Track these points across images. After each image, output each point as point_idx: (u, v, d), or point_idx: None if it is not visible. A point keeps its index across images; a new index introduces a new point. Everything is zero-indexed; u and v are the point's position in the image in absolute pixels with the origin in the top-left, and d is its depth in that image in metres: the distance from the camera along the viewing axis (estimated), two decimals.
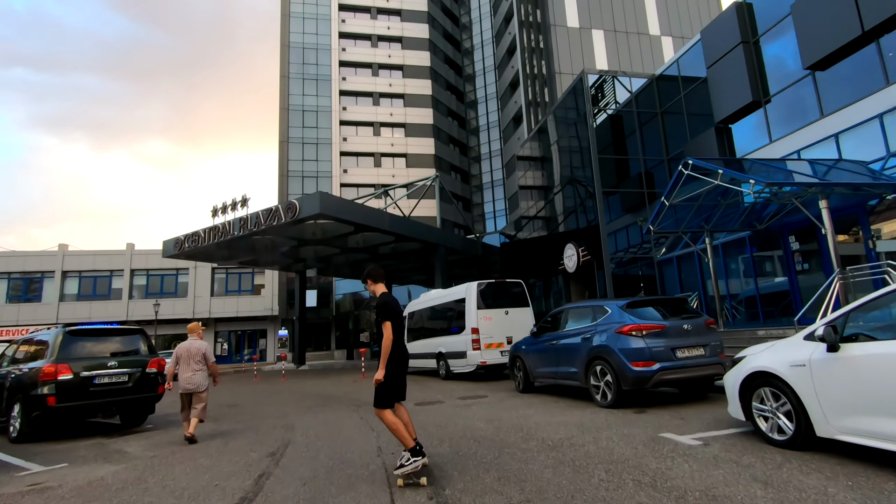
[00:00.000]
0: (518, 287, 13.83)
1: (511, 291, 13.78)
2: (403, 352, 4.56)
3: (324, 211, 18.23)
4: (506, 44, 38.20)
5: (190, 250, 23.11)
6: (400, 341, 4.47)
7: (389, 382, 4.36)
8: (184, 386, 7.39)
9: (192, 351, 7.74)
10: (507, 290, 13.77)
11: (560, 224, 22.22)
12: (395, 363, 4.42)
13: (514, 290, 13.80)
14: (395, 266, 30.00)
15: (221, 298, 36.84)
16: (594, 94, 18.72)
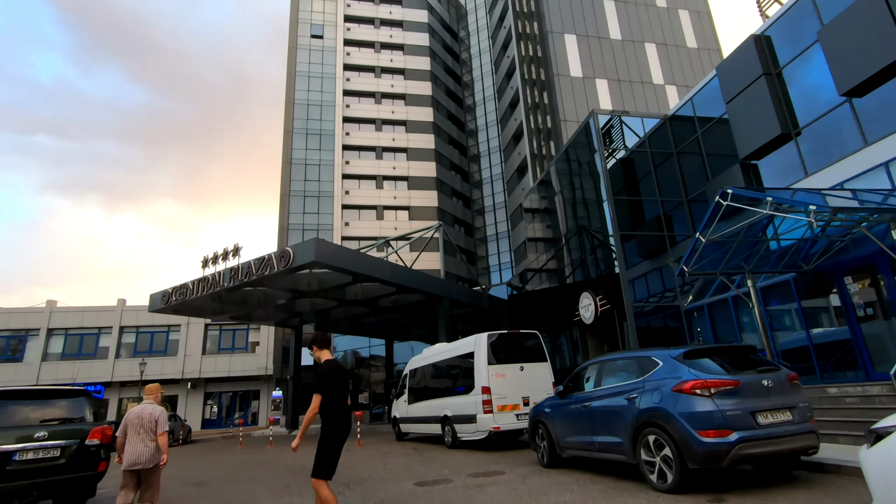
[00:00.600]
0: (534, 339, 12.20)
1: (526, 344, 12.13)
2: (345, 422, 4.40)
3: (319, 259, 16.93)
4: (508, 97, 38.50)
5: (178, 304, 21.62)
6: (341, 411, 4.36)
7: (331, 451, 4.24)
8: (130, 461, 5.77)
9: (145, 418, 6.17)
10: (522, 342, 12.14)
11: (570, 274, 20.81)
12: (335, 433, 4.29)
13: (530, 342, 12.17)
14: (397, 320, 28.33)
15: (213, 357, 34.88)
16: (604, 137, 17.91)
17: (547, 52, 27.50)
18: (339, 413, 4.37)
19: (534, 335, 12.25)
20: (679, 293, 15.85)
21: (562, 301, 20.35)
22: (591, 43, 28.04)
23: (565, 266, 21.41)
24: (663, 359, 6.02)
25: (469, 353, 11.98)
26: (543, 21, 28.25)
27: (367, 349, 36.16)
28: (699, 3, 31.40)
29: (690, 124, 16.95)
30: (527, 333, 12.26)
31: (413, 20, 49.17)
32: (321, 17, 46.22)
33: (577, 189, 19.67)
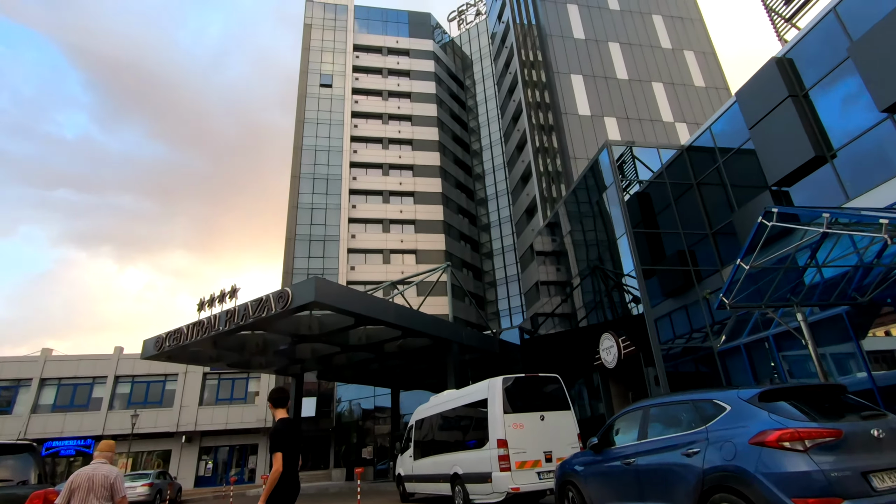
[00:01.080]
0: (554, 383, 10.85)
1: (546, 389, 10.77)
2: (294, 485, 4.36)
3: (319, 299, 15.85)
4: (515, 140, 38.44)
5: (172, 349, 20.42)
6: (290, 473, 4.30)
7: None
8: None
9: (96, 480, 5.01)
10: (541, 387, 10.79)
11: (587, 315, 19.50)
12: (282, 497, 4.24)
13: (550, 387, 10.81)
14: (403, 368, 26.82)
15: (210, 409, 33.17)
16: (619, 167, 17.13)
17: (554, 92, 27.39)
18: (288, 475, 4.30)
19: (554, 379, 10.91)
20: (710, 333, 14.48)
21: (579, 344, 18.94)
22: (598, 83, 27.98)
23: (581, 307, 20.12)
24: (731, 401, 4.78)
25: (481, 400, 10.63)
26: (550, 63, 28.36)
27: (372, 399, 34.28)
28: (703, 44, 31.62)
29: (709, 155, 16.17)
30: (546, 377, 10.92)
31: (420, 69, 50.34)
32: (330, 67, 47.43)
33: (591, 225, 18.71)
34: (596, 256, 18.23)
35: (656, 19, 31.84)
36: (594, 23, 30.49)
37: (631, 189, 17.54)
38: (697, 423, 5.03)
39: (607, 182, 16.75)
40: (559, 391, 10.76)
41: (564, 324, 21.71)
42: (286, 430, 4.43)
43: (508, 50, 40.62)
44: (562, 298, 22.06)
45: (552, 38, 28.91)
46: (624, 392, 17.23)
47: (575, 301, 20.24)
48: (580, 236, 19.87)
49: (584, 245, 19.51)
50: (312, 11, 49.80)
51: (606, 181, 16.79)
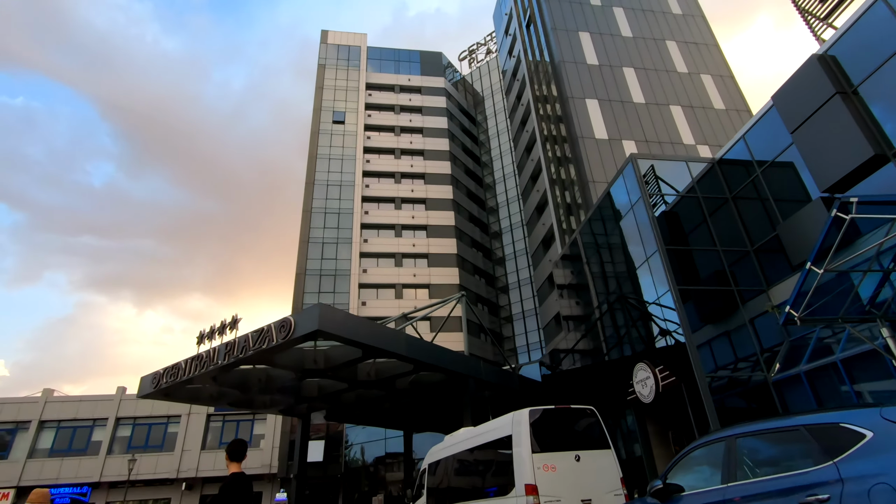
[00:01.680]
0: (590, 417, 9.30)
1: (580, 425, 9.22)
2: None
3: (323, 328, 14.57)
4: (529, 170, 37.71)
5: (169, 386, 19.11)
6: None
7: None
8: None
9: None
10: (574, 422, 9.24)
11: (615, 346, 17.85)
12: None
13: (585, 421, 9.25)
14: (416, 407, 25.05)
15: (213, 453, 31.37)
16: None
17: (569, 117, 26.70)
18: None
19: (589, 412, 9.36)
20: (761, 361, 12.79)
21: (608, 378, 17.22)
22: (614, 106, 27.28)
23: (608, 337, 18.48)
24: (873, 425, 3.36)
25: (504, 438, 9.09)
26: (563, 88, 27.85)
27: (383, 442, 32.18)
28: (721, 67, 31.01)
29: (743, 168, 14.96)
30: (580, 410, 9.38)
31: (432, 105, 50.66)
32: (343, 104, 47.94)
33: (616, 247, 17.36)
34: (623, 280, 16.78)
35: (670, 45, 31.46)
36: (607, 49, 30.17)
37: (659, 206, 16.29)
38: (818, 457, 3.58)
39: (633, 198, 15.53)
40: (596, 426, 9.19)
41: (589, 357, 20.01)
42: (236, 488, 4.11)
43: (520, 82, 40.57)
44: (585, 329, 20.45)
45: (565, 64, 28.52)
46: (662, 430, 15.36)
47: (600, 331, 18.63)
48: (604, 259, 18.50)
49: (609, 269, 18.10)
50: (326, 52, 50.93)
51: (632, 197, 15.57)
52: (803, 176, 12.99)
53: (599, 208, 18.40)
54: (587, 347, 20.20)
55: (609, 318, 18.07)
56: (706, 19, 33.99)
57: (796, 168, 13.29)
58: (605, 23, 31.68)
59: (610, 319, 17.90)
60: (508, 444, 8.87)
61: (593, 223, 18.87)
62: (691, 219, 15.68)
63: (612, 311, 17.70)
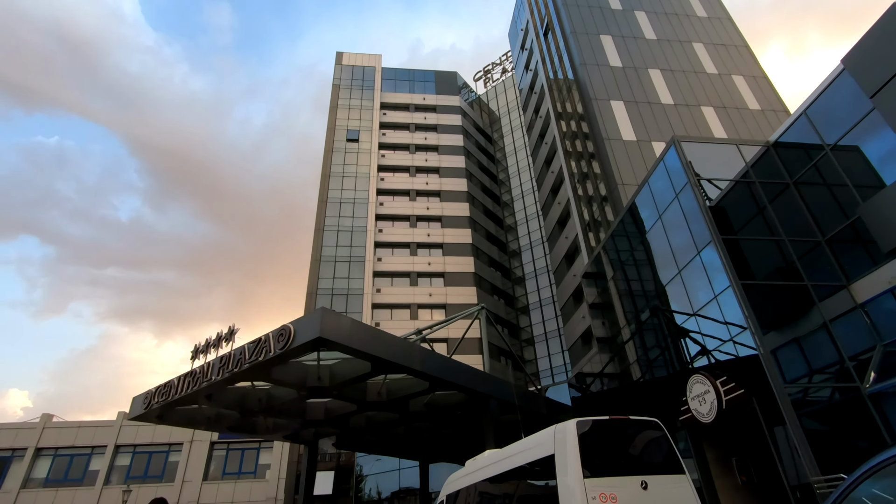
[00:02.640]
0: (655, 430, 7.24)
1: (642, 441, 7.15)
2: None
3: (326, 335, 12.79)
4: (549, 183, 36.05)
5: (162, 407, 17.35)
6: None
7: None
8: None
9: None
10: (633, 436, 7.18)
11: (659, 358, 15.62)
12: None
13: (648, 435, 7.19)
14: (432, 432, 22.81)
15: (215, 484, 29.25)
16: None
17: (593, 119, 25.11)
18: None
19: (654, 426, 7.30)
20: (851, 370, 10.53)
21: (654, 396, 14.95)
22: (641, 108, 25.66)
23: (649, 350, 16.26)
24: None
25: (544, 458, 7.07)
26: (585, 91, 26.40)
27: (397, 473, 29.66)
28: (752, 68, 29.32)
29: (803, 151, 13.03)
30: (641, 422, 7.32)
31: (447, 123, 49.81)
32: (357, 123, 47.33)
33: (657, 246, 15.35)
34: (667, 282, 14.70)
35: (697, 47, 29.98)
36: (630, 51, 28.80)
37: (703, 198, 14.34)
38: None
39: (678, 185, 13.64)
40: (663, 443, 7.11)
41: (628, 374, 17.72)
42: None
43: (537, 94, 39.41)
44: (621, 343, 18.23)
45: (587, 67, 27.15)
46: (724, 456, 12.95)
47: (640, 344, 16.42)
48: (642, 261, 16.45)
49: (648, 272, 16.03)
50: (341, 73, 50.79)
51: (676, 184, 13.68)
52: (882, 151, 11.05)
53: (634, 206, 16.50)
54: (624, 364, 17.93)
55: (651, 328, 15.89)
56: (733, 21, 32.56)
57: (871, 143, 11.36)
58: (626, 26, 30.44)
59: (652, 329, 15.73)
60: (550, 466, 6.84)
61: (626, 224, 16.93)
62: (744, 209, 13.67)
63: (655, 318, 15.54)
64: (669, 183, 14.09)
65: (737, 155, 14.13)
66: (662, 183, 14.55)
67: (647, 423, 7.28)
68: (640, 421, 7.26)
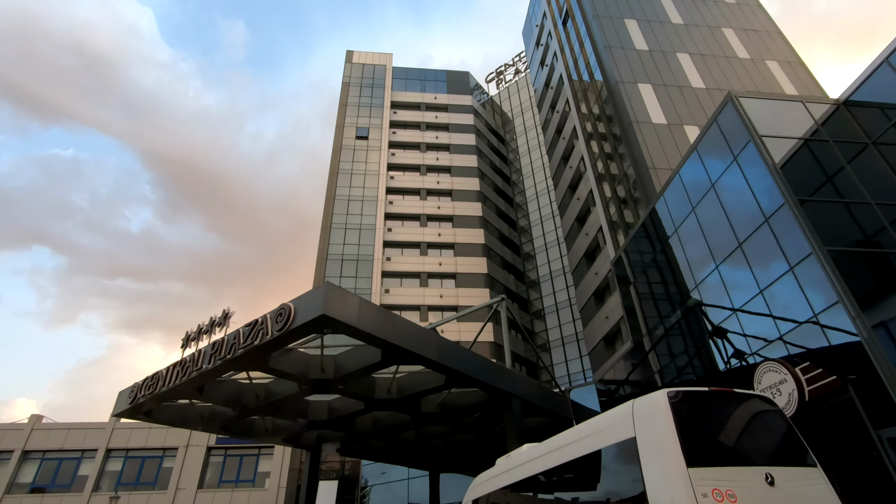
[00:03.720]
0: (768, 405, 5.39)
1: (754, 421, 5.31)
2: None
3: (331, 314, 11.07)
4: (567, 179, 34.38)
5: (148, 400, 15.61)
6: None
7: None
8: None
9: None
10: (741, 415, 5.33)
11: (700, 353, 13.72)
12: None
13: (762, 413, 5.35)
14: (446, 436, 20.91)
15: (211, 493, 27.34)
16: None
17: (620, 103, 23.52)
18: None
19: (767, 401, 5.46)
20: None
21: None
22: (671, 91, 24.04)
23: (697, 339, 14.35)
24: None
25: (620, 443, 5.24)
26: (610, 75, 24.86)
27: (406, 484, 27.56)
28: (787, 54, 27.68)
29: (878, 110, 11.30)
30: (750, 397, 5.48)
31: (459, 122, 48.50)
32: (367, 120, 46.12)
33: (708, 219, 13.53)
34: (721, 258, 12.84)
35: (727, 32, 28.42)
36: (657, 35, 27.29)
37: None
38: None
39: (736, 147, 11.90)
40: (782, 425, 5.28)
41: (670, 370, 15.77)
42: None
43: (554, 90, 37.96)
44: (659, 336, 16.31)
45: (612, 50, 25.62)
46: None
47: (688, 332, 14.49)
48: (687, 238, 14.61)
49: (697, 249, 14.18)
50: (351, 71, 49.79)
51: (735, 146, 11.95)
52: None
53: (678, 179, 14.74)
54: (666, 358, 15.99)
55: (700, 314, 14.01)
56: (763, 7, 31.03)
57: None
58: (651, 10, 28.99)
59: (702, 315, 13.84)
60: (630, 454, 5.01)
61: (669, 200, 15.14)
62: (813, 172, 11.88)
63: (707, 301, 13.66)
64: (725, 145, 12.36)
65: (796, 116, 12.39)
66: (715, 147, 12.81)
67: (758, 398, 5.45)
68: (748, 395, 5.43)
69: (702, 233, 13.29)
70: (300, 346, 14.29)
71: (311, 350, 14.68)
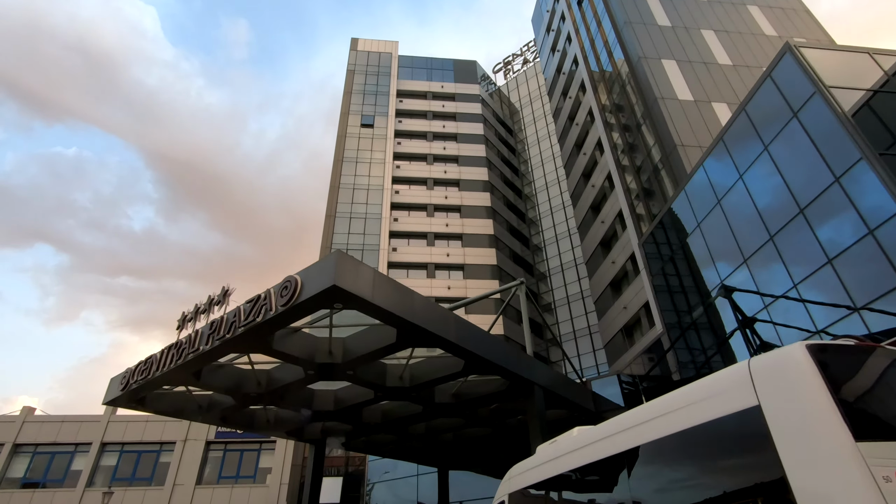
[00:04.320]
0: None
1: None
2: None
3: (342, 285, 9.83)
4: (581, 166, 33.16)
5: (141, 387, 14.39)
6: None
7: None
8: None
9: None
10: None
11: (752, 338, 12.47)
12: None
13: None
14: (459, 429, 19.68)
15: (209, 489, 26.13)
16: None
17: (642, 79, 22.28)
18: None
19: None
20: None
21: None
22: (697, 68, 22.80)
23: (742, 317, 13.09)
24: None
25: (735, 414, 3.99)
26: (631, 51, 23.62)
27: (415, 480, 26.30)
28: (815, 32, 26.44)
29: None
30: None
31: (466, 112, 47.30)
32: (372, 108, 44.91)
33: (760, 187, 12.27)
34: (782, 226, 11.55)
35: (753, 9, 27.19)
36: (679, 11, 26.06)
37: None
38: None
39: (796, 102, 10.65)
40: None
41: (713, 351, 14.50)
42: None
43: (566, 76, 36.73)
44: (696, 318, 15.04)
45: (632, 26, 24.39)
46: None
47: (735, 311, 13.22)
48: (737, 208, 13.33)
49: (748, 221, 12.91)
50: (356, 59, 48.59)
51: (794, 101, 10.70)
52: None
53: (722, 146, 13.48)
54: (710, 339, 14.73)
55: (750, 290, 12.74)
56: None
57: None
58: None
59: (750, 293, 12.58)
60: (749, 429, 3.77)
61: (710, 170, 13.87)
62: (882, 129, 10.61)
63: (762, 272, 12.38)
64: (780, 101, 11.10)
65: (861, 68, 11.12)
66: (768, 105, 11.56)
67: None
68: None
69: (752, 201, 12.03)
70: (306, 327, 13.07)
71: (318, 329, 13.47)
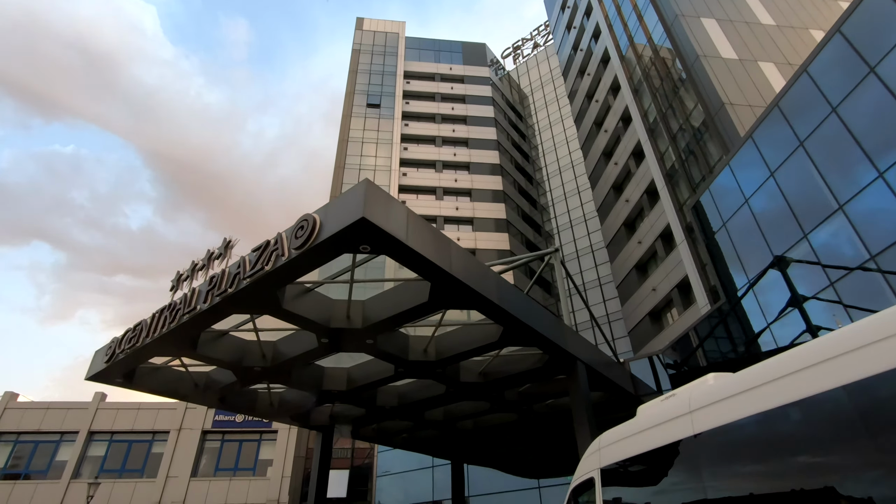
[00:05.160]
0: None
1: None
2: None
3: (371, 217, 8.02)
4: (600, 146, 31.40)
5: (129, 357, 12.50)
6: None
7: None
8: None
9: None
10: None
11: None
12: None
13: None
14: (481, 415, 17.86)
15: (206, 481, 24.25)
16: None
17: (680, 38, 20.56)
18: None
19: None
20: None
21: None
22: (739, 27, 21.11)
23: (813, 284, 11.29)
24: None
25: None
26: (667, 9, 21.87)
27: (430, 472, 24.39)
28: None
29: None
30: None
31: (476, 94, 45.57)
32: (378, 89, 43.11)
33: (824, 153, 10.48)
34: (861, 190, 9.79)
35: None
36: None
37: None
38: None
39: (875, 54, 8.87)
40: None
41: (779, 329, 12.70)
42: None
43: (584, 51, 35.00)
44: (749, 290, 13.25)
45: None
46: None
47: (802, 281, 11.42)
48: (799, 171, 11.55)
49: (815, 184, 11.12)
50: (362, 39, 46.78)
51: (871, 56, 8.91)
52: None
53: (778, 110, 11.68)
54: (773, 312, 12.94)
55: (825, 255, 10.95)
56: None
57: None
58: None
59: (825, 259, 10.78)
60: None
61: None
62: None
63: (834, 238, 10.60)
64: (853, 55, 9.33)
65: None
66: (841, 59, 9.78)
67: None
68: None
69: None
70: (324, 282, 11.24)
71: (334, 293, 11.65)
